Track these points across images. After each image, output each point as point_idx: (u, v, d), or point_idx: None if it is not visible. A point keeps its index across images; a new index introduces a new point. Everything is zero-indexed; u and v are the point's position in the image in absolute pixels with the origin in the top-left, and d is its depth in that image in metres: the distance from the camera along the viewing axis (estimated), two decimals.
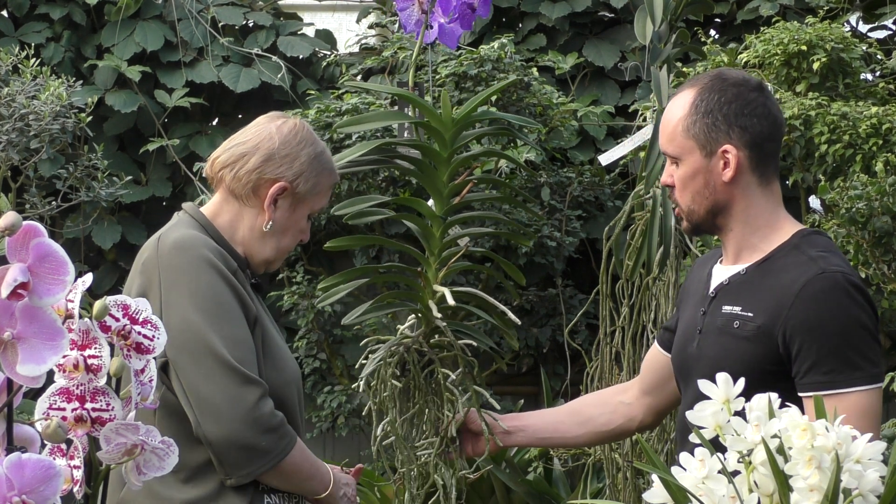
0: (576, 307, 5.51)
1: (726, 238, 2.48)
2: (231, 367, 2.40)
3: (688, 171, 2.43)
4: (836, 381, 2.28)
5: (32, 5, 6.03)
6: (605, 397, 2.81)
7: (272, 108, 3.34)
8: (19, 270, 1.31)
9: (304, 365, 5.54)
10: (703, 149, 2.42)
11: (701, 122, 2.41)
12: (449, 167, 2.59)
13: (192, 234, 2.51)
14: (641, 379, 2.75)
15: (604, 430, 2.75)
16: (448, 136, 2.57)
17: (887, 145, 4.38)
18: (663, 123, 2.48)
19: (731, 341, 2.38)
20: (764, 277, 2.40)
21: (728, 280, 2.45)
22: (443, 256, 2.63)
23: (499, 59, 5.18)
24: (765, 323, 2.34)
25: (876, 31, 5.76)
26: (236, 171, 2.57)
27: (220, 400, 2.40)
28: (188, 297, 2.42)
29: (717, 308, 2.44)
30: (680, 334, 2.55)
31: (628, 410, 2.73)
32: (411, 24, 2.61)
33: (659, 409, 2.74)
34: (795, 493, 1.50)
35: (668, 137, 2.45)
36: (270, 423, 2.43)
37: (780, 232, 2.45)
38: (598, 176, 5.69)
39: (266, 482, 2.49)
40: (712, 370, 2.38)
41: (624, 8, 6.05)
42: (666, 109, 2.50)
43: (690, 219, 2.47)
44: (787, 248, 2.42)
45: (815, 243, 2.42)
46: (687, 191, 2.44)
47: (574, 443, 2.85)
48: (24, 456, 1.31)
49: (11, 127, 5.00)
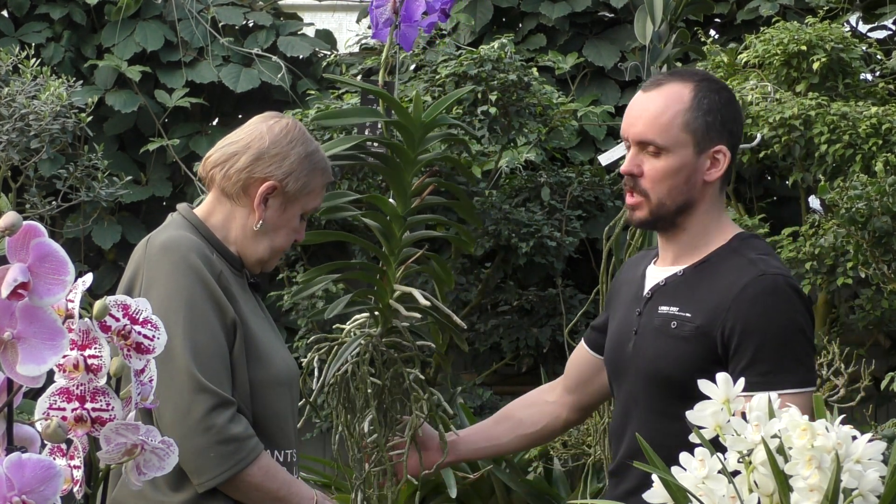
0: (576, 307, 5.51)
1: (676, 237, 2.46)
2: (188, 374, 2.40)
3: (673, 164, 2.41)
4: (769, 382, 2.27)
5: (32, 5, 6.02)
6: (531, 399, 2.81)
7: (272, 108, 3.34)
8: (19, 270, 1.31)
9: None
10: (697, 146, 2.41)
11: (702, 119, 2.41)
12: (414, 167, 2.60)
13: (180, 236, 2.51)
14: (566, 377, 2.75)
15: (531, 431, 2.76)
16: (417, 137, 2.58)
17: (887, 145, 4.38)
18: (646, 112, 2.43)
19: (669, 341, 2.38)
20: (702, 279, 2.40)
21: (665, 281, 2.45)
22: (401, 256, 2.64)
23: (499, 59, 5.18)
24: (703, 323, 2.35)
25: (876, 31, 5.76)
26: (226, 170, 2.57)
27: (171, 405, 2.40)
28: (163, 298, 2.42)
29: (654, 308, 2.43)
30: (613, 335, 2.54)
31: (553, 409, 2.75)
32: (381, 23, 2.62)
33: (582, 406, 2.76)
34: (795, 493, 1.50)
35: (658, 127, 2.41)
36: (222, 435, 2.40)
37: (720, 234, 2.45)
38: (598, 176, 5.69)
39: (229, 495, 2.47)
40: (650, 370, 2.41)
41: (624, 8, 6.05)
42: (646, 98, 2.45)
43: (655, 212, 2.43)
44: (726, 251, 2.42)
45: (754, 246, 2.43)
46: (664, 184, 2.42)
47: (507, 448, 2.83)
48: (24, 456, 1.31)
49: (11, 127, 4.99)
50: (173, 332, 2.39)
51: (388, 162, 2.62)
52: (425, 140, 2.60)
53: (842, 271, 4.34)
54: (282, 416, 2.55)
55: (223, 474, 2.41)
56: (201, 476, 2.41)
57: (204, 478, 2.41)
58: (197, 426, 2.39)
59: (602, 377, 2.64)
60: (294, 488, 2.52)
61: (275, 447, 2.54)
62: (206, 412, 2.39)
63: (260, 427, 2.50)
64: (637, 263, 2.60)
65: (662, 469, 1.58)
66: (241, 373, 2.48)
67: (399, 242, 2.64)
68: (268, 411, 2.52)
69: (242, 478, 2.43)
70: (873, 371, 4.40)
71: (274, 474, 2.48)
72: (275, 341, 2.60)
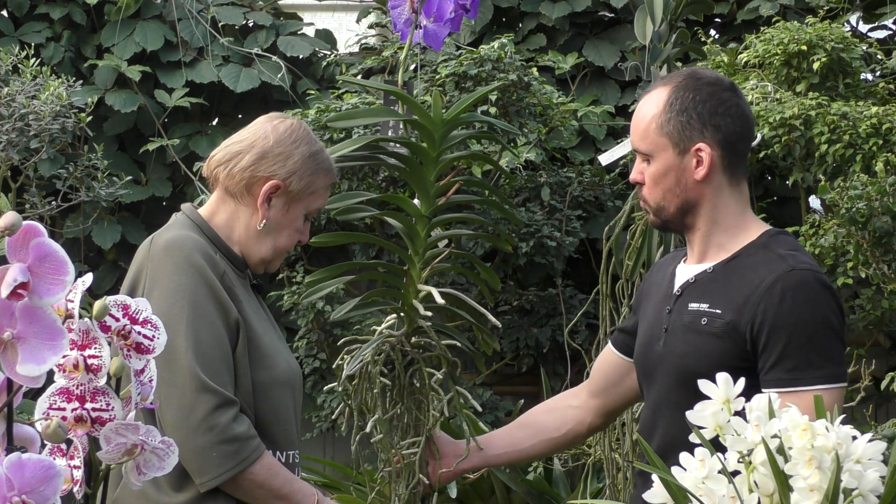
0: (576, 307, 5.51)
1: (693, 237, 2.47)
2: (191, 374, 2.39)
3: (660, 168, 2.43)
4: (797, 378, 2.28)
5: (32, 5, 6.03)
6: (554, 404, 2.80)
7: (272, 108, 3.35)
8: (19, 270, 1.31)
9: (304, 365, 5.53)
10: (677, 146, 2.42)
11: (675, 120, 2.42)
12: (436, 167, 2.59)
13: (184, 235, 2.51)
14: (591, 381, 2.74)
15: (555, 436, 2.74)
16: (437, 136, 2.56)
17: (887, 145, 4.38)
18: (635, 121, 2.48)
19: (699, 338, 2.38)
20: (731, 275, 2.40)
21: (694, 278, 2.45)
22: (427, 256, 2.63)
23: (499, 59, 5.18)
24: (733, 319, 2.35)
25: (876, 31, 5.76)
26: (230, 169, 2.57)
27: (174, 405, 2.40)
28: (166, 298, 2.42)
29: (683, 306, 2.43)
30: (643, 335, 2.53)
31: (577, 414, 2.73)
32: (400, 24, 2.62)
33: (608, 410, 2.74)
34: (795, 493, 1.50)
35: (640, 135, 2.45)
36: (225, 435, 2.40)
37: (748, 232, 2.45)
38: (598, 176, 5.69)
39: (231, 494, 2.47)
40: (679, 367, 2.40)
41: (624, 8, 6.05)
42: (638, 107, 2.49)
43: (659, 215, 2.47)
44: (755, 248, 2.42)
45: (783, 242, 2.43)
46: (658, 188, 2.44)
47: (530, 454, 2.81)
48: (24, 456, 1.31)
49: (11, 127, 5.00)
50: (176, 331, 2.39)
51: (407, 162, 2.60)
52: (448, 139, 2.59)
53: (842, 271, 4.34)
54: (283, 417, 2.55)
55: (226, 474, 2.41)
56: (204, 476, 2.41)
57: (206, 477, 2.41)
58: (200, 426, 2.39)
59: (629, 380, 2.64)
60: (296, 486, 2.51)
61: (276, 448, 2.53)
62: (209, 412, 2.39)
63: (262, 428, 2.50)
64: (667, 264, 2.60)
65: (662, 469, 1.58)
66: (244, 373, 2.48)
67: (423, 242, 2.63)
68: (270, 412, 2.52)
69: (245, 477, 2.44)
70: (873, 371, 4.41)
71: (276, 473, 2.48)
72: (277, 342, 2.60)
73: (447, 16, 2.59)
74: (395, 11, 2.61)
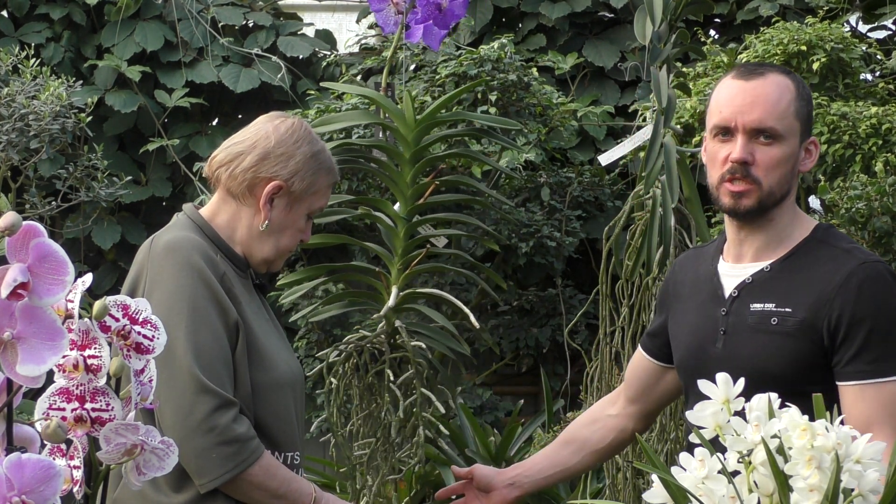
0: (576, 307, 5.51)
1: (763, 229, 2.43)
2: (190, 375, 2.39)
3: (787, 152, 2.39)
4: (880, 369, 2.28)
5: (32, 5, 6.03)
6: (593, 416, 2.79)
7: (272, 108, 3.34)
8: (19, 270, 1.31)
9: (304, 365, 5.53)
10: (802, 135, 2.42)
11: (805, 109, 2.42)
12: (413, 168, 2.58)
13: (184, 237, 2.51)
14: (627, 388, 2.73)
15: (600, 447, 2.74)
16: (411, 137, 2.56)
17: (887, 145, 4.38)
18: (762, 98, 2.38)
19: (770, 338, 2.36)
20: (794, 272, 2.39)
21: (751, 278, 2.42)
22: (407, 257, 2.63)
23: (499, 59, 5.18)
24: (807, 316, 2.33)
25: (876, 31, 5.76)
26: (232, 170, 2.57)
27: (173, 406, 2.40)
28: (165, 299, 2.42)
29: (744, 307, 2.41)
30: (689, 336, 2.50)
31: (617, 422, 2.73)
32: (390, 25, 2.62)
33: (647, 414, 2.74)
34: (795, 493, 1.50)
35: (777, 114, 2.38)
36: (225, 436, 2.40)
37: (800, 228, 2.44)
38: (598, 176, 5.69)
39: (230, 495, 2.47)
40: (751, 369, 2.33)
41: (624, 8, 6.05)
42: (755, 86, 2.40)
43: (764, 200, 2.40)
44: (813, 243, 2.41)
45: (840, 236, 2.44)
46: (777, 171, 2.39)
47: (578, 469, 2.79)
48: (24, 456, 1.31)
49: (11, 127, 4.99)
50: (176, 332, 2.39)
51: (382, 165, 2.61)
52: (426, 140, 2.59)
53: None
54: (284, 419, 2.55)
55: (226, 475, 2.41)
56: (203, 477, 2.41)
57: (206, 478, 2.41)
58: (199, 427, 2.39)
59: (665, 382, 2.63)
60: (294, 485, 2.51)
61: (277, 449, 2.53)
62: (208, 413, 2.39)
63: (262, 429, 2.50)
64: (695, 262, 2.57)
65: (662, 469, 1.58)
66: (243, 374, 2.48)
67: (402, 243, 2.63)
68: (270, 413, 2.52)
69: (244, 478, 2.43)
70: None
71: (274, 473, 2.48)
72: (278, 343, 2.60)
73: (461, 13, 2.59)
74: (381, 15, 2.62)
